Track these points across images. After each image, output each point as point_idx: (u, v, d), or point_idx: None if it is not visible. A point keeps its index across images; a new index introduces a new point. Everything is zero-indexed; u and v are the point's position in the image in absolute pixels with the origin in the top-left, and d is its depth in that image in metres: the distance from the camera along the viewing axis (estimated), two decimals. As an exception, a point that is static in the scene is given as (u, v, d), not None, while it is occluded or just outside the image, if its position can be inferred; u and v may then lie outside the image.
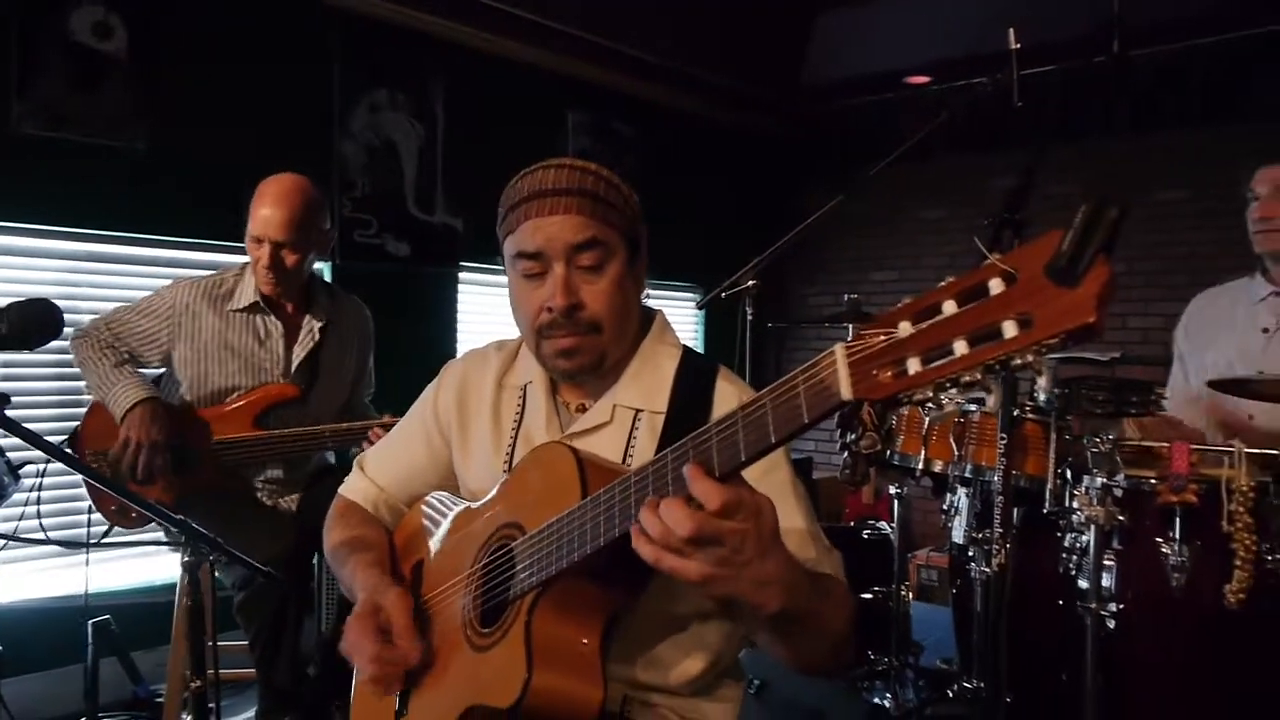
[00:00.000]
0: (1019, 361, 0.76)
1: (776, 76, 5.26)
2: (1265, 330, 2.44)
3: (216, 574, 2.39)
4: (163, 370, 2.55)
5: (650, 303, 1.43)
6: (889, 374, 0.80)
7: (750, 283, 2.45)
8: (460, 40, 4.21)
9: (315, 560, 2.53)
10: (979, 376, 0.77)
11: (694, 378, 1.31)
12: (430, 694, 1.22)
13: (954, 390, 0.80)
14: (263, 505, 2.53)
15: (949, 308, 0.79)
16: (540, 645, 1.07)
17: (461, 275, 4.41)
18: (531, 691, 1.04)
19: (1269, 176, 2.40)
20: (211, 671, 1.67)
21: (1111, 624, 1.97)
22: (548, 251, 1.24)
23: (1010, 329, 0.74)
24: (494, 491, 1.28)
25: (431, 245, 4.23)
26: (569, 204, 1.23)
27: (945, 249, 5.22)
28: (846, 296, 2.68)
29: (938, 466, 2.26)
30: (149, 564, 3.37)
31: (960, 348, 0.77)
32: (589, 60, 4.63)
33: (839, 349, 0.83)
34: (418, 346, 2.56)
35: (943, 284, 0.82)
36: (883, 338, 0.81)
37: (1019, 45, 2.29)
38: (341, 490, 1.56)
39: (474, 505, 1.32)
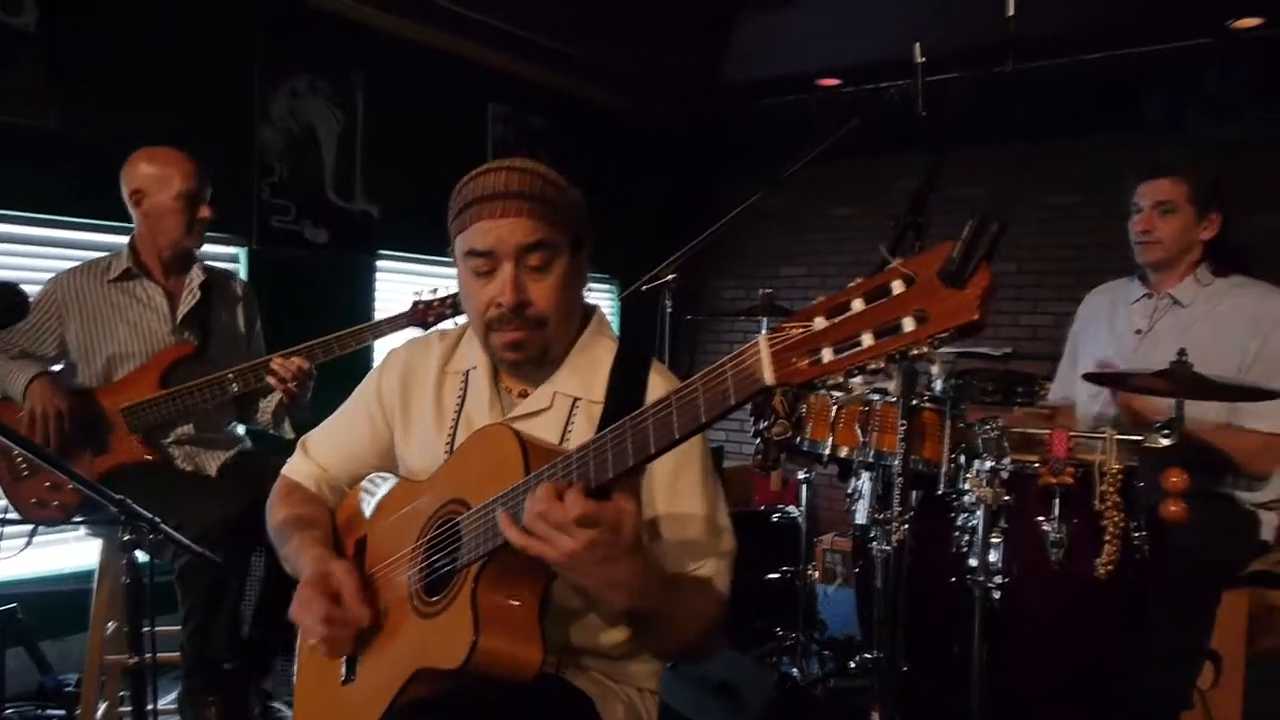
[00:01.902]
0: (916, 352, 0.89)
1: (695, 74, 5.39)
2: (1138, 331, 2.63)
3: (147, 555, 2.40)
4: (61, 367, 2.56)
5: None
6: (805, 362, 0.91)
7: (669, 276, 2.56)
8: (383, 28, 4.22)
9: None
10: (882, 364, 0.90)
11: (629, 369, 1.41)
12: (377, 660, 1.30)
13: (861, 377, 0.93)
14: (184, 473, 2.55)
15: (858, 305, 0.91)
16: (485, 610, 1.16)
17: (379, 263, 4.42)
18: (478, 652, 1.13)
19: (1149, 191, 2.58)
20: (149, 655, 1.70)
21: (997, 595, 2.14)
22: (498, 251, 1.33)
23: (909, 324, 0.87)
24: (438, 470, 1.36)
25: (350, 232, 4.24)
26: (519, 207, 1.32)
27: (852, 246, 5.42)
28: (760, 291, 2.81)
29: (844, 452, 2.40)
30: (57, 552, 3.31)
31: (867, 339, 0.89)
32: (510, 52, 4.68)
33: (762, 339, 0.94)
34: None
35: (852, 284, 0.94)
36: (800, 330, 0.92)
37: (924, 59, 2.45)
38: (285, 470, 1.61)
39: (417, 483, 1.40)
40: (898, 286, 0.89)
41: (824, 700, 2.56)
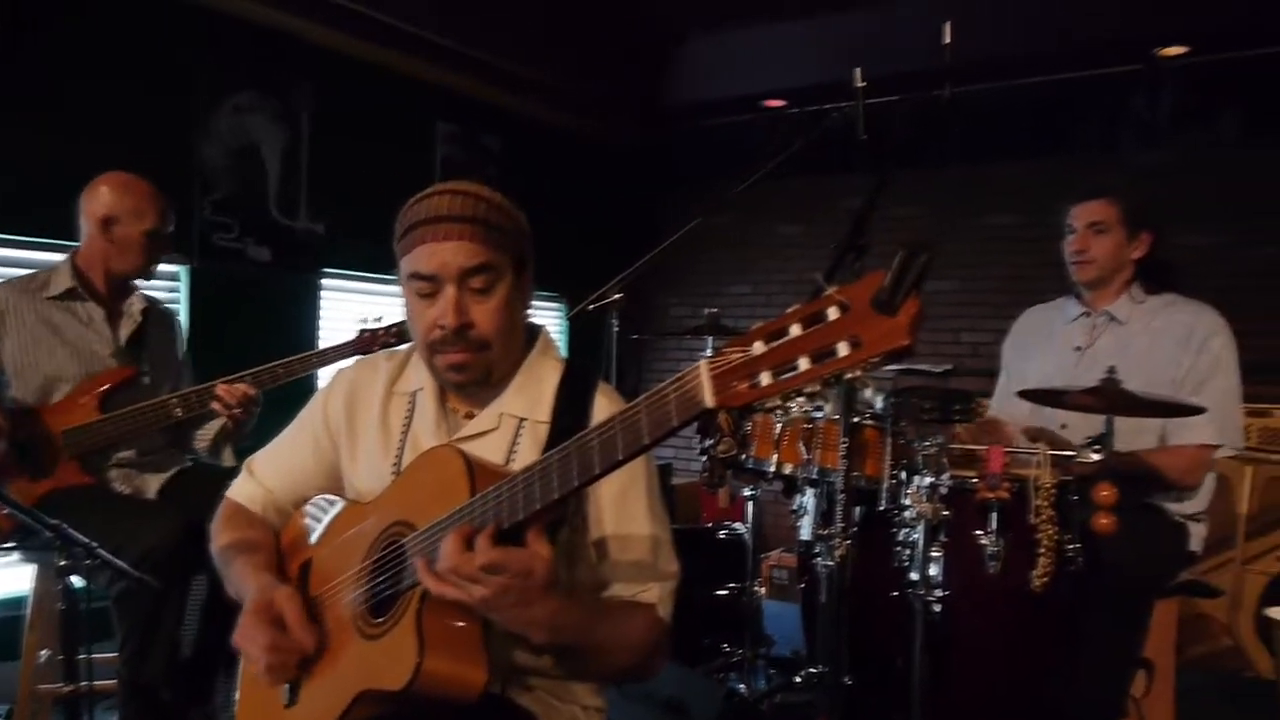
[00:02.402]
0: (850, 375, 0.92)
1: (641, 94, 5.44)
2: (1078, 348, 2.70)
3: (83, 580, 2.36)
4: None
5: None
6: (745, 385, 0.94)
7: (616, 296, 2.58)
8: (330, 45, 4.20)
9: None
10: (819, 387, 0.93)
11: (574, 390, 1.43)
12: (321, 682, 1.29)
13: (799, 399, 0.96)
14: (122, 496, 2.50)
15: (795, 330, 0.94)
16: (429, 632, 1.16)
17: (324, 281, 4.38)
18: (422, 674, 1.14)
19: (1082, 212, 2.67)
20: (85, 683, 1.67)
21: (937, 609, 2.19)
22: (441, 274, 1.34)
23: (844, 348, 0.90)
24: (384, 492, 1.37)
25: (293, 250, 4.19)
26: (462, 231, 1.33)
27: (798, 265, 5.49)
28: (706, 310, 2.85)
29: (788, 469, 2.43)
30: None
31: (804, 363, 0.92)
32: (459, 71, 4.68)
33: (703, 364, 0.96)
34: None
35: (790, 310, 0.97)
36: (740, 354, 0.95)
37: (865, 83, 2.51)
38: (229, 493, 1.60)
39: (363, 505, 1.40)
40: (833, 313, 0.92)
41: (770, 715, 2.59)
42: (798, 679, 2.63)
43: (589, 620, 1.27)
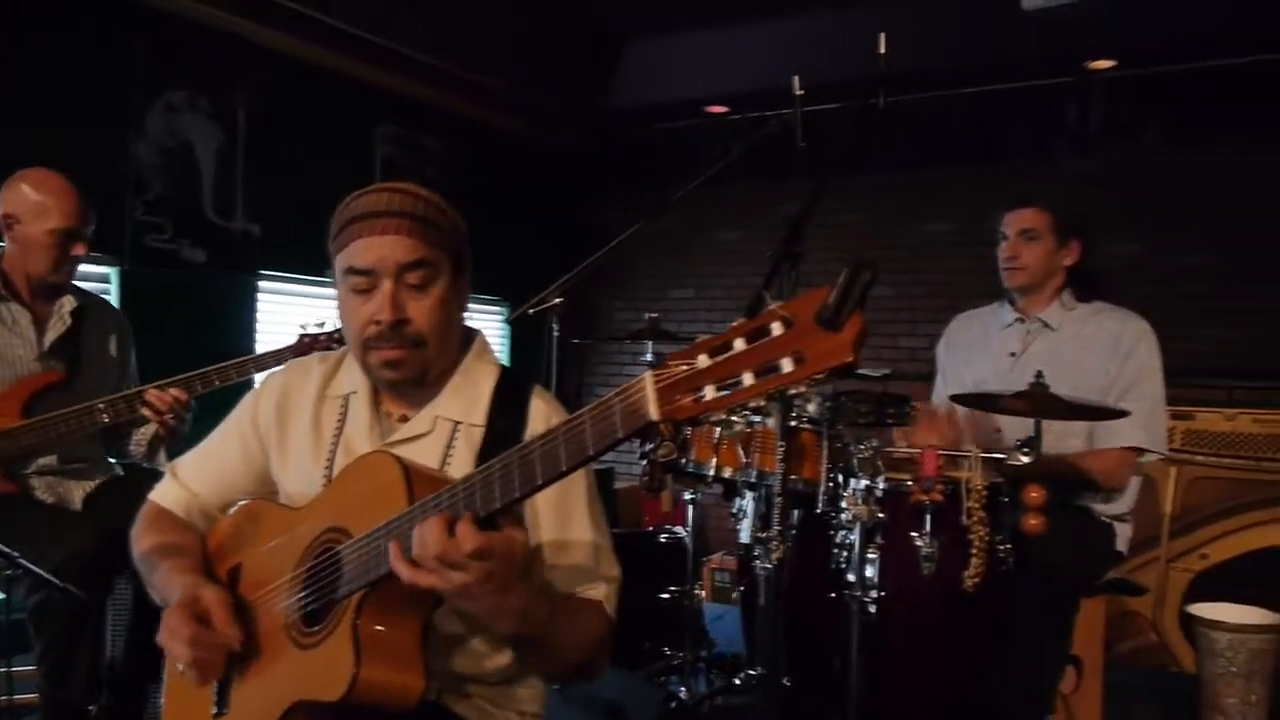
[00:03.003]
0: (794, 391, 0.94)
1: (584, 98, 5.44)
2: (1012, 354, 2.76)
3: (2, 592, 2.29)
4: None
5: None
6: (689, 399, 0.95)
7: (557, 300, 2.58)
8: (267, 44, 4.13)
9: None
10: (763, 402, 0.94)
11: (510, 394, 1.43)
12: (252, 692, 1.27)
13: (743, 412, 0.97)
14: (44, 505, 2.43)
15: (739, 345, 0.95)
16: (366, 641, 1.15)
17: (261, 284, 4.30)
18: (359, 683, 1.12)
19: (1014, 220, 2.73)
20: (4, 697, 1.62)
21: (873, 609, 2.22)
22: (378, 269, 1.33)
23: (788, 364, 0.91)
24: (317, 497, 1.35)
25: (229, 252, 4.11)
26: (399, 225, 1.33)
27: (739, 269, 5.54)
28: (647, 315, 2.86)
29: (727, 473, 2.45)
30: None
31: (748, 379, 0.93)
32: (399, 73, 4.63)
33: (648, 377, 0.97)
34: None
35: (734, 325, 0.98)
36: (685, 368, 0.96)
37: (803, 91, 2.54)
38: (152, 496, 1.57)
39: (294, 511, 1.38)
40: (777, 328, 0.93)
41: (711, 717, 2.60)
42: (737, 680, 2.66)
43: (554, 611, 1.26)
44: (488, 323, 5.46)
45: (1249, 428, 3.57)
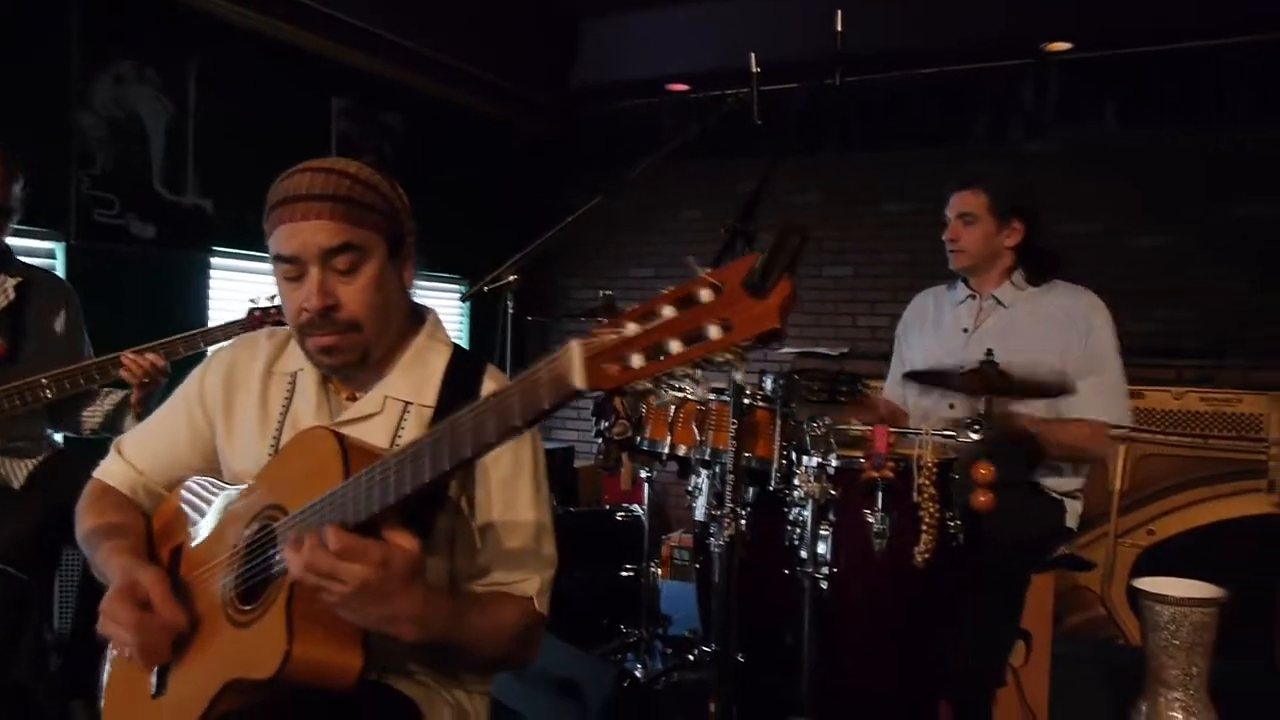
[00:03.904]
0: (721, 359, 0.92)
1: (545, 76, 5.39)
2: (965, 330, 2.79)
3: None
4: None
5: (417, 294, 1.52)
6: (616, 367, 0.93)
7: (511, 278, 2.55)
8: (218, 14, 4.03)
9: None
10: (689, 371, 0.93)
11: (462, 374, 1.41)
12: (189, 672, 1.25)
13: (671, 381, 0.95)
14: None
15: (668, 312, 0.93)
16: (300, 618, 1.14)
17: (214, 260, 4.22)
18: (291, 661, 1.11)
19: (955, 202, 2.74)
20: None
21: (825, 585, 2.24)
22: (302, 256, 1.30)
23: (714, 331, 0.90)
24: (258, 474, 1.33)
25: (180, 227, 4.03)
26: (321, 209, 1.29)
27: (699, 248, 5.50)
28: (602, 293, 2.84)
29: (682, 450, 2.45)
30: None
31: (675, 346, 0.91)
32: (356, 47, 4.55)
33: (575, 344, 0.96)
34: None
35: (664, 292, 0.97)
36: (613, 336, 0.94)
37: (759, 69, 2.53)
38: (97, 473, 1.53)
39: (236, 488, 1.36)
40: (705, 295, 0.92)
41: (664, 694, 2.61)
42: (691, 657, 2.67)
43: (458, 612, 1.25)
44: (446, 300, 5.42)
45: (1196, 406, 3.64)
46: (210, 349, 2.47)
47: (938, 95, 4.84)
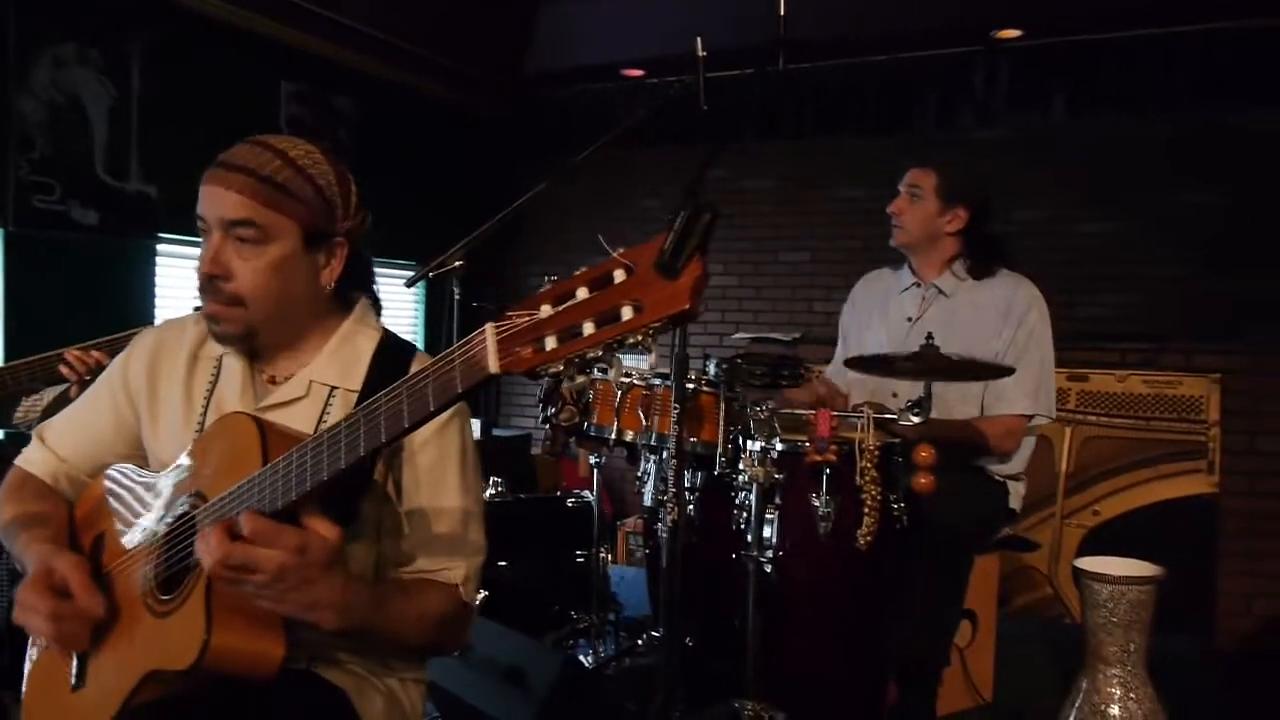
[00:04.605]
0: (633, 340, 0.92)
1: (500, 61, 5.34)
2: (909, 319, 2.80)
3: None
4: None
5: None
6: (530, 350, 0.93)
7: (457, 263, 2.53)
8: (161, -4, 3.95)
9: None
10: (600, 353, 0.92)
11: (390, 359, 1.39)
12: (109, 663, 1.23)
13: (583, 363, 0.95)
14: None
15: (582, 293, 0.93)
16: (220, 608, 1.12)
17: (161, 247, 4.15)
18: (210, 651, 1.09)
19: (907, 177, 2.75)
20: None
21: (770, 570, 2.25)
22: (207, 219, 1.32)
23: (627, 312, 0.90)
24: (177, 461, 1.31)
25: (124, 214, 3.95)
26: (235, 181, 1.29)
27: (658, 234, 5.52)
28: (547, 277, 2.82)
29: (629, 436, 2.45)
30: None
31: (588, 328, 0.91)
32: (306, 29, 4.48)
33: (489, 328, 0.95)
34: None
35: (578, 272, 0.96)
36: (527, 318, 0.94)
37: (705, 53, 2.52)
38: (18, 461, 1.50)
39: (157, 475, 1.34)
40: (619, 275, 0.92)
41: (614, 679, 2.62)
42: (639, 643, 2.68)
43: (380, 600, 1.23)
44: (398, 286, 5.35)
45: (1139, 389, 3.71)
46: None
47: (888, 82, 4.85)
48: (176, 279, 4.20)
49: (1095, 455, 3.73)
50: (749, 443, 2.25)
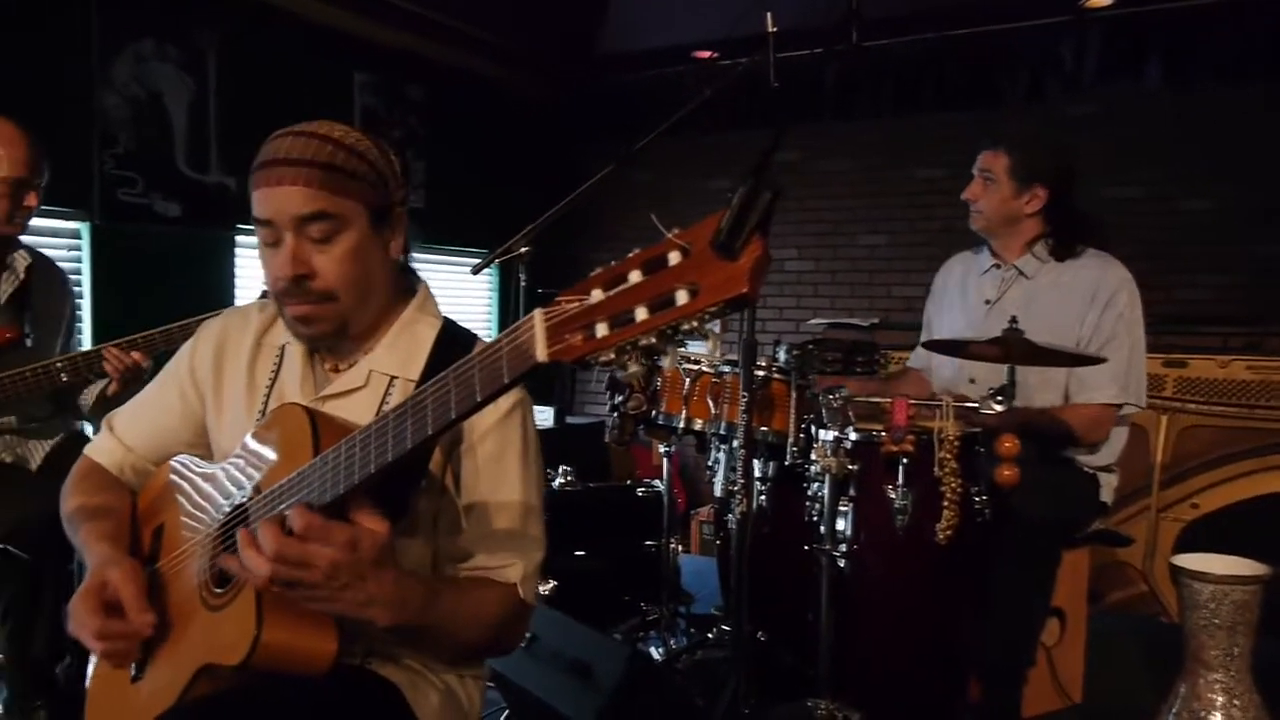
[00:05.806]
0: (687, 326, 0.85)
1: (570, 46, 5.30)
2: (987, 301, 2.67)
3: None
4: None
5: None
6: (580, 337, 0.87)
7: (523, 249, 2.50)
8: (236, -10, 4.01)
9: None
10: (654, 340, 0.86)
11: (450, 348, 1.34)
12: (166, 657, 1.22)
13: (636, 352, 0.89)
14: (3, 464, 2.37)
15: (635, 277, 0.87)
16: (271, 603, 1.10)
17: (239, 238, 4.22)
18: (260, 647, 1.07)
19: (980, 160, 2.60)
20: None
21: (844, 563, 2.17)
22: (277, 221, 1.26)
23: (682, 296, 0.83)
24: (234, 453, 1.29)
25: (204, 206, 4.03)
26: (296, 175, 1.24)
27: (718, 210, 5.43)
28: (613, 263, 2.77)
29: (698, 425, 2.40)
30: None
31: (641, 313, 0.85)
32: (378, 20, 4.51)
33: (538, 314, 0.90)
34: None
35: (631, 254, 0.90)
36: (576, 304, 0.88)
37: (775, 29, 2.44)
38: (87, 450, 1.51)
39: (217, 465, 1.33)
40: (674, 257, 0.86)
41: (685, 673, 2.57)
42: (710, 635, 2.62)
43: (433, 597, 1.19)
44: (458, 274, 5.36)
45: (1242, 374, 3.48)
46: None
47: (971, 57, 4.66)
48: (255, 269, 4.27)
49: (1194, 445, 3.53)
50: (821, 432, 2.18)
